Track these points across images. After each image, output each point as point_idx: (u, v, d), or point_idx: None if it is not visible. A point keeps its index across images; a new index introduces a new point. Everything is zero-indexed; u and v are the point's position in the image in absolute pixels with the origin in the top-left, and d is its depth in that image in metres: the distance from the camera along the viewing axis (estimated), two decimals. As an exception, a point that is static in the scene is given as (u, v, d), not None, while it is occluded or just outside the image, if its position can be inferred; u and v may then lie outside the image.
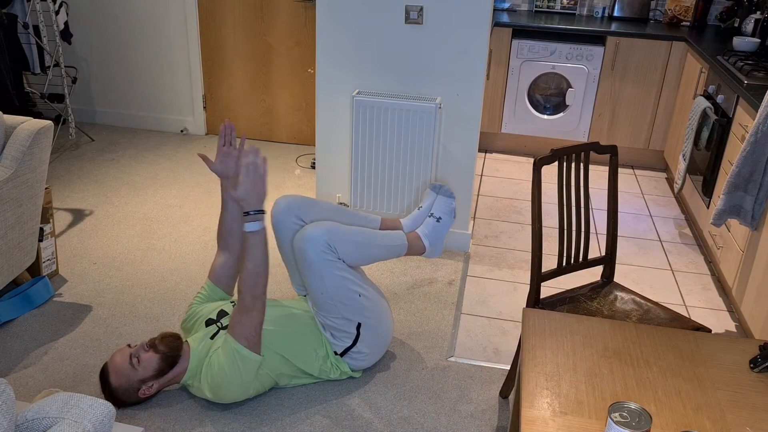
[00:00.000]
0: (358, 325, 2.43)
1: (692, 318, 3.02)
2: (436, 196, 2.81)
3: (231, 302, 2.53)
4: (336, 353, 2.46)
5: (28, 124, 2.70)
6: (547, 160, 2.19)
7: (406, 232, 2.68)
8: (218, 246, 2.62)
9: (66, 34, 4.31)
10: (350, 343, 2.44)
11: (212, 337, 2.38)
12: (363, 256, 2.44)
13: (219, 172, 2.49)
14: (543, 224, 3.68)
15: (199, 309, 2.53)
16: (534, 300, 2.28)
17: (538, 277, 2.26)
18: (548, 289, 3.10)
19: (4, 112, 3.79)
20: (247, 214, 2.18)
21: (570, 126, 4.57)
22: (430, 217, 2.63)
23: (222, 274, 2.59)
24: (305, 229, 2.34)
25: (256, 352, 2.27)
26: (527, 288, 3.16)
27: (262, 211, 2.20)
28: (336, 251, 2.35)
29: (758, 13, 4.19)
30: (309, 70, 4.56)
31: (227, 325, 2.37)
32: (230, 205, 2.54)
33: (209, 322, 2.44)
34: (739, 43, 3.90)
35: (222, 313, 2.46)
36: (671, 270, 3.42)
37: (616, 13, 4.71)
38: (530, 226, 3.76)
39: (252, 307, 2.22)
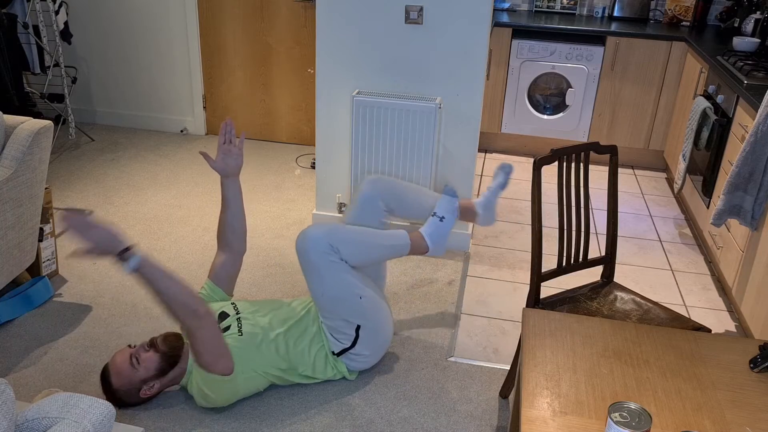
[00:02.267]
0: (357, 327, 2.42)
1: (692, 318, 3.02)
2: (440, 195, 2.81)
3: (232, 303, 2.52)
4: (333, 353, 2.46)
5: (28, 124, 2.70)
6: (547, 160, 2.19)
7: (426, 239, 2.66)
8: (218, 245, 2.61)
9: (66, 34, 4.31)
10: (348, 344, 2.44)
11: None
12: (366, 257, 2.43)
13: (220, 170, 2.50)
14: (543, 224, 3.68)
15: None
16: (534, 300, 2.28)
17: (538, 277, 2.26)
18: (548, 289, 3.10)
19: (4, 112, 3.79)
20: (120, 260, 2.02)
21: (570, 126, 4.57)
22: (433, 216, 2.61)
23: (222, 273, 2.59)
24: (307, 230, 2.33)
25: (224, 363, 2.22)
26: (527, 288, 3.16)
27: (126, 248, 2.01)
28: (338, 252, 2.34)
29: (758, 13, 4.19)
30: (309, 70, 4.56)
31: (226, 328, 2.38)
32: (231, 202, 2.54)
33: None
34: (739, 43, 3.90)
35: (223, 315, 2.45)
36: (671, 270, 3.42)
37: (616, 13, 4.71)
38: (530, 226, 3.76)
39: (197, 326, 2.13)
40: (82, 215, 1.98)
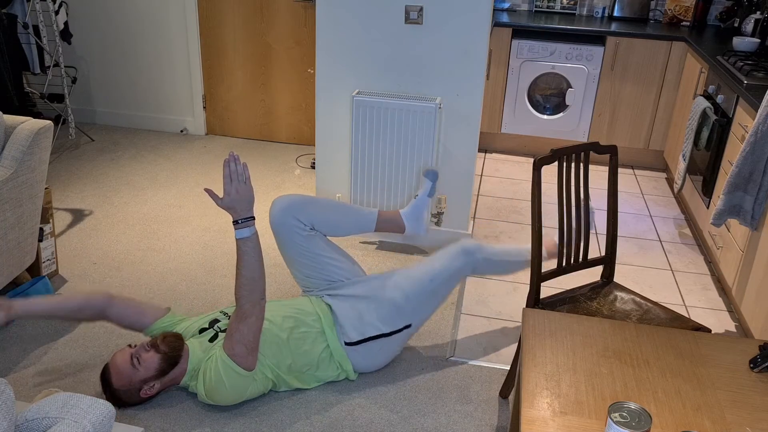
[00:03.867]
0: (408, 325, 2.49)
1: (692, 318, 3.02)
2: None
3: (221, 311, 2.52)
4: (348, 343, 2.44)
5: (28, 124, 2.70)
6: (547, 160, 2.19)
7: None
8: (93, 318, 2.47)
9: (66, 34, 4.31)
10: (387, 331, 2.47)
11: (211, 340, 2.38)
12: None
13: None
14: (543, 224, 3.68)
15: (185, 324, 2.50)
16: (534, 300, 2.28)
17: (538, 277, 2.26)
18: (548, 289, 3.10)
19: (4, 112, 3.79)
20: (236, 222, 2.16)
21: (570, 126, 4.57)
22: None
23: (133, 319, 2.46)
24: (465, 241, 2.60)
25: (252, 360, 2.25)
26: (527, 288, 3.16)
27: (251, 217, 2.18)
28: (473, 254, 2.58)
29: (758, 13, 4.19)
30: (309, 70, 4.56)
31: (226, 329, 2.37)
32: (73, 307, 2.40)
33: (203, 330, 2.44)
34: (739, 43, 3.90)
35: (215, 321, 2.45)
36: (671, 270, 3.42)
37: (616, 13, 4.71)
38: (530, 226, 3.76)
39: (250, 313, 2.21)
40: (245, 169, 2.16)
